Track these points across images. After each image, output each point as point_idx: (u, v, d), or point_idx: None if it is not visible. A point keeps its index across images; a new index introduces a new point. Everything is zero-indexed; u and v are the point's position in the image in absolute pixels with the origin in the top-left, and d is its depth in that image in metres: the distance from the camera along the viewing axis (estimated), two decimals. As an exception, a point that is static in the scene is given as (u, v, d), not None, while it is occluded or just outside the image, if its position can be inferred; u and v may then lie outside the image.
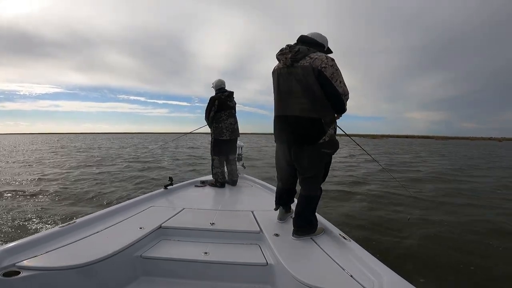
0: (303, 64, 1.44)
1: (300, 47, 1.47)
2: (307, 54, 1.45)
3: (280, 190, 1.84)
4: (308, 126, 1.47)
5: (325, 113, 1.47)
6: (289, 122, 1.54)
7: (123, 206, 2.02)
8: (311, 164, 1.55)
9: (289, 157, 1.63)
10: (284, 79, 1.54)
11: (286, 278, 1.19)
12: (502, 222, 3.71)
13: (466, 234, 3.26)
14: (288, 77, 1.51)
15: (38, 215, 3.71)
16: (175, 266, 1.41)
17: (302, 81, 1.45)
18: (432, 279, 2.24)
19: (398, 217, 3.85)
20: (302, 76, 1.44)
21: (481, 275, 2.34)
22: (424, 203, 4.73)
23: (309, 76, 1.42)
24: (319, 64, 1.40)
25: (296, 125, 1.50)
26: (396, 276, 1.09)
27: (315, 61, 1.41)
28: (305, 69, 1.43)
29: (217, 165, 3.13)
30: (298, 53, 1.45)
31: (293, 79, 1.49)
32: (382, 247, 2.82)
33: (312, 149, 1.50)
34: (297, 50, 1.46)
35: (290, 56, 1.47)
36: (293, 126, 1.52)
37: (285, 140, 1.61)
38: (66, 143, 31.93)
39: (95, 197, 4.82)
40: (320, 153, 1.52)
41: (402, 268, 2.11)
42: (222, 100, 3.06)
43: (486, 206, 4.64)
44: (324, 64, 1.40)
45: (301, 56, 1.45)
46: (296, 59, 1.46)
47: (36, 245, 1.30)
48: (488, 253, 2.80)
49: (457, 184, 6.81)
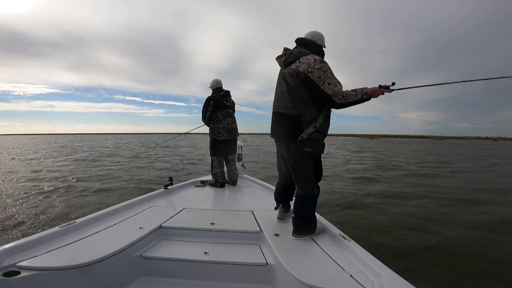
0: (292, 67, 1.57)
1: (293, 51, 1.61)
2: (298, 57, 1.56)
3: (278, 185, 1.90)
4: (287, 123, 1.58)
5: (305, 112, 1.52)
6: (277, 118, 1.68)
7: (123, 206, 2.02)
8: (295, 160, 1.61)
9: (280, 154, 1.76)
10: (279, 80, 1.69)
11: (286, 278, 1.20)
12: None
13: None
14: (280, 78, 1.67)
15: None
16: (175, 266, 1.41)
17: (289, 82, 1.57)
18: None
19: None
20: (289, 78, 1.57)
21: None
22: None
23: (294, 78, 1.54)
24: (306, 69, 1.48)
25: (280, 121, 1.64)
26: (396, 276, 1.09)
27: (302, 65, 1.51)
28: (292, 71, 1.55)
29: (216, 166, 3.12)
30: (290, 57, 1.60)
31: (283, 80, 1.63)
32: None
33: (295, 145, 1.58)
34: (289, 54, 1.61)
35: (284, 59, 1.63)
36: (278, 121, 1.66)
37: (275, 135, 1.74)
38: (84, 145, 26.83)
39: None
40: (302, 151, 1.56)
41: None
42: (218, 100, 3.05)
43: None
44: (311, 68, 1.47)
45: (292, 60, 1.58)
46: (288, 62, 1.60)
47: (36, 245, 1.31)
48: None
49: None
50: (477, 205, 4.64)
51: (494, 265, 2.49)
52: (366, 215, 3.98)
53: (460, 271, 2.39)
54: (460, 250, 2.82)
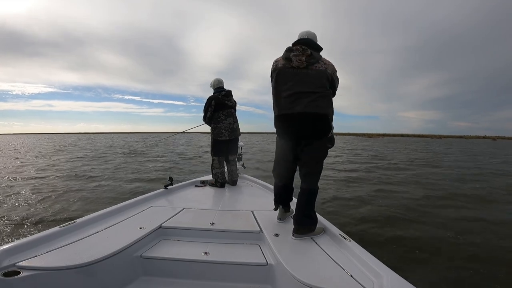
0: (318, 68, 1.59)
1: (312, 52, 1.61)
2: (319, 58, 1.62)
3: (278, 187, 1.87)
4: (318, 122, 1.60)
5: (329, 111, 1.63)
6: (301, 118, 1.59)
7: (123, 206, 2.02)
8: (317, 158, 1.66)
9: (292, 154, 1.69)
10: (297, 80, 1.59)
11: (286, 278, 1.20)
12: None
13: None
14: (303, 78, 1.59)
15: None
16: (175, 266, 1.41)
17: (316, 82, 1.58)
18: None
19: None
20: (316, 78, 1.58)
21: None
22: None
23: (323, 79, 1.59)
24: (332, 70, 1.62)
25: (309, 121, 1.60)
26: (396, 276, 1.09)
27: (329, 68, 1.61)
28: (321, 73, 1.59)
29: (216, 166, 3.12)
30: (312, 58, 1.59)
31: (308, 80, 1.59)
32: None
33: (320, 143, 1.63)
34: (309, 54, 1.59)
35: (305, 59, 1.59)
36: (305, 122, 1.60)
37: (295, 137, 1.66)
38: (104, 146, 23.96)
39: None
40: (325, 148, 1.67)
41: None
42: (219, 99, 3.03)
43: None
44: (334, 71, 1.64)
45: (315, 61, 1.60)
46: (311, 62, 1.59)
47: (36, 245, 1.31)
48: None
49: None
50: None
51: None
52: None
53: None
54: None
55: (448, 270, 2.44)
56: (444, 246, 2.93)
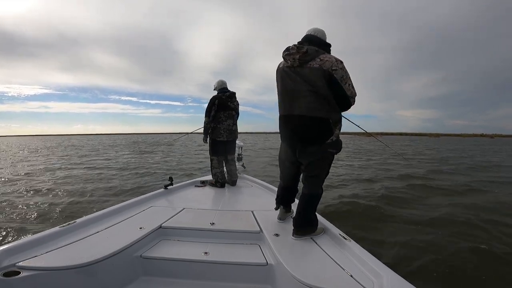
0: (313, 66, 1.44)
1: (308, 48, 1.46)
2: (316, 56, 1.45)
3: (281, 188, 1.86)
4: (316, 126, 1.48)
5: (331, 114, 1.48)
6: (297, 121, 1.53)
7: (123, 206, 2.02)
8: (317, 163, 1.57)
9: (294, 156, 1.63)
10: (292, 79, 1.52)
11: (286, 278, 1.19)
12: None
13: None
14: (296, 78, 1.50)
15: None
16: (175, 266, 1.41)
17: (311, 82, 1.45)
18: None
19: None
20: (311, 77, 1.44)
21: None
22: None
23: (318, 78, 1.42)
24: (330, 66, 1.41)
25: (304, 124, 1.50)
26: (396, 276, 1.09)
27: (325, 63, 1.41)
28: (315, 70, 1.43)
29: (216, 165, 3.13)
30: (307, 55, 1.45)
31: (301, 80, 1.48)
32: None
33: (319, 148, 1.52)
34: (305, 51, 1.45)
35: (299, 57, 1.46)
36: (300, 125, 1.52)
37: (292, 139, 1.61)
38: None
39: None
40: (326, 153, 1.55)
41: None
42: (222, 100, 3.03)
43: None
44: (335, 66, 1.41)
45: (310, 58, 1.45)
46: (305, 60, 1.46)
47: (36, 245, 1.31)
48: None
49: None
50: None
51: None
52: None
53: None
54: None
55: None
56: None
